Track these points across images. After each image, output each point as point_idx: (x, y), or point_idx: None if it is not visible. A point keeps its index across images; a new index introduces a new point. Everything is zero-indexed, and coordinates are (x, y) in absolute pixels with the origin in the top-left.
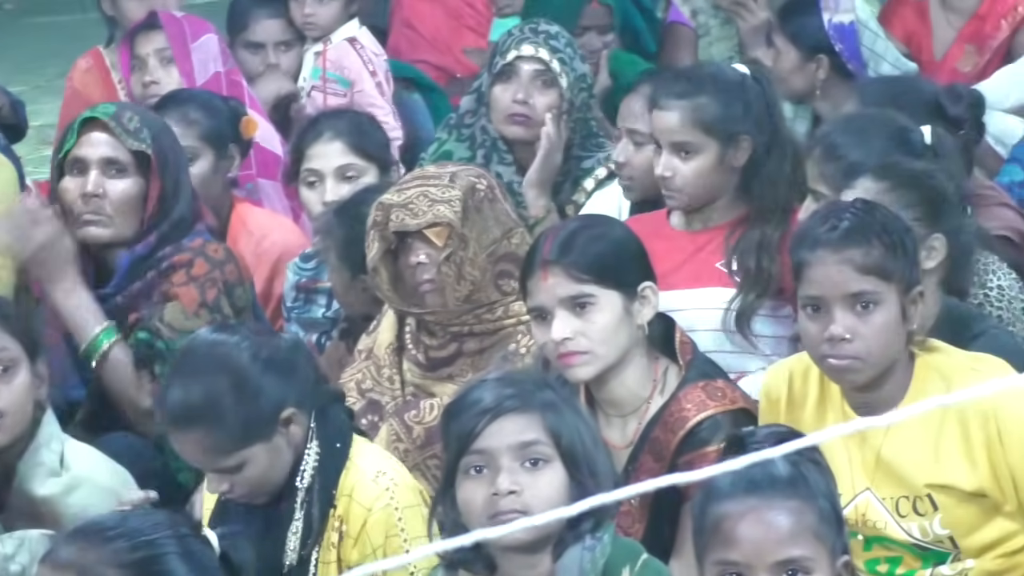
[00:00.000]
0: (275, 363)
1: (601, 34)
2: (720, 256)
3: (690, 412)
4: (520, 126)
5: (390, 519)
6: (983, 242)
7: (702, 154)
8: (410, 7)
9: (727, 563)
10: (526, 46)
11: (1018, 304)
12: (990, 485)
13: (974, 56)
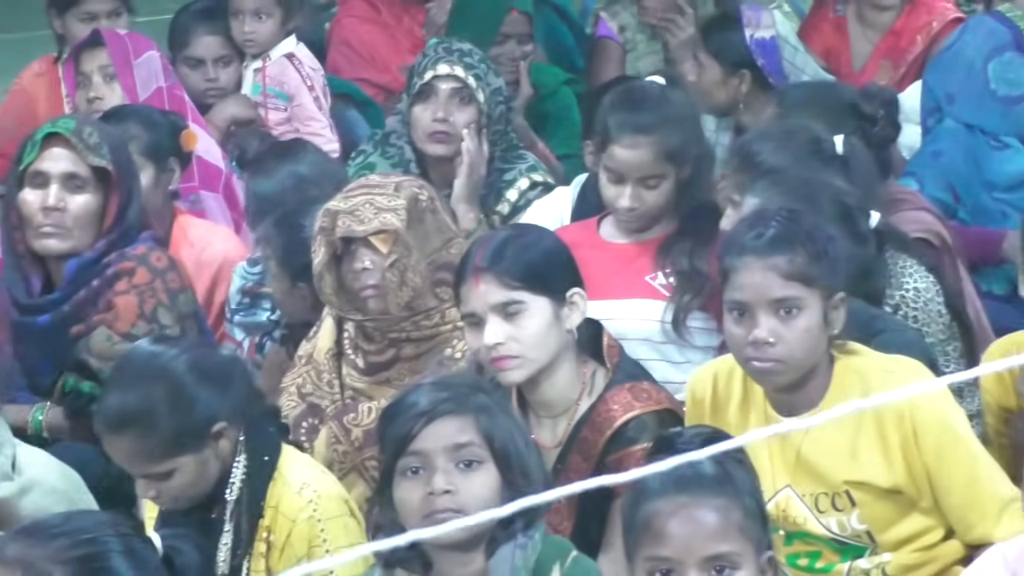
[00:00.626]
0: (211, 377)
1: (521, 43)
2: (650, 269)
3: (617, 412)
4: (441, 144)
5: (312, 530)
6: (901, 245)
7: (666, 181)
8: (348, 27)
9: (657, 559)
10: (442, 65)
11: (934, 306)
12: (906, 482)
13: (890, 70)
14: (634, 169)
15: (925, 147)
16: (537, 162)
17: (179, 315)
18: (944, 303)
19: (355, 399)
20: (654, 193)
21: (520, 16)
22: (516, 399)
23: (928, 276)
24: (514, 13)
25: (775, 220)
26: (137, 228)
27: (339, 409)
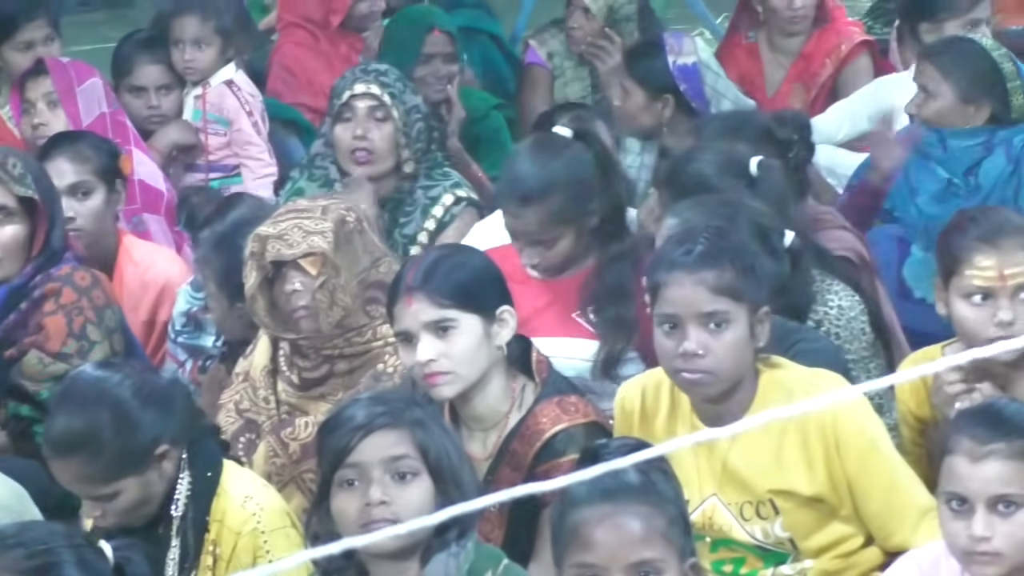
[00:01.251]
0: (154, 400)
1: (446, 62)
2: (576, 306)
3: (545, 425)
4: (363, 164)
5: (256, 541)
6: (823, 263)
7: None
8: (288, 53)
9: (584, 566)
10: (358, 85)
11: (857, 324)
12: (827, 491)
13: (802, 93)
14: (523, 234)
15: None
16: (461, 179)
17: (107, 330)
18: (868, 321)
19: (291, 414)
20: (554, 250)
21: (442, 36)
22: (448, 413)
23: (853, 295)
24: (436, 33)
25: (703, 237)
26: (60, 251)
27: (276, 424)
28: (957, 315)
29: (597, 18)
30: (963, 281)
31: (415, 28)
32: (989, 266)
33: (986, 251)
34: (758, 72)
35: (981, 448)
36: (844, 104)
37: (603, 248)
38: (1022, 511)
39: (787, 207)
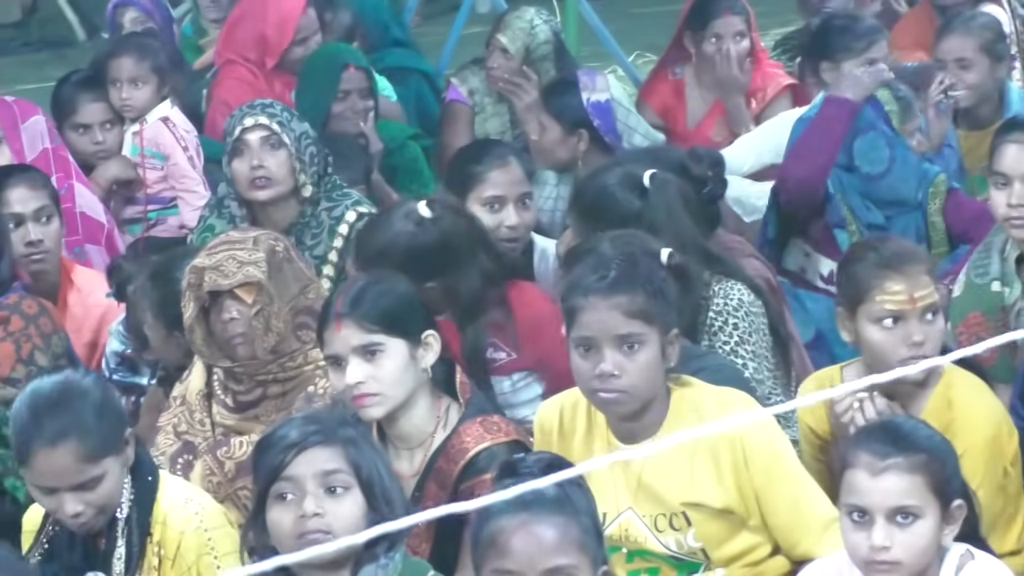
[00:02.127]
0: (110, 390)
1: (362, 97)
2: None
3: (469, 444)
4: (262, 189)
5: (201, 539)
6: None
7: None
8: (227, 88)
9: (502, 571)
10: (247, 119)
11: (758, 320)
12: (737, 503)
13: (724, 128)
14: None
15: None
16: (361, 196)
17: (53, 356)
18: (768, 325)
19: (227, 435)
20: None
21: (358, 72)
22: (376, 432)
23: (752, 294)
24: (351, 69)
25: (615, 263)
26: (8, 280)
27: (212, 444)
28: (868, 339)
29: (515, 57)
30: (874, 307)
31: (331, 65)
32: (900, 291)
33: (895, 277)
34: (681, 107)
35: (880, 463)
36: (750, 137)
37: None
38: (919, 522)
39: (675, 218)
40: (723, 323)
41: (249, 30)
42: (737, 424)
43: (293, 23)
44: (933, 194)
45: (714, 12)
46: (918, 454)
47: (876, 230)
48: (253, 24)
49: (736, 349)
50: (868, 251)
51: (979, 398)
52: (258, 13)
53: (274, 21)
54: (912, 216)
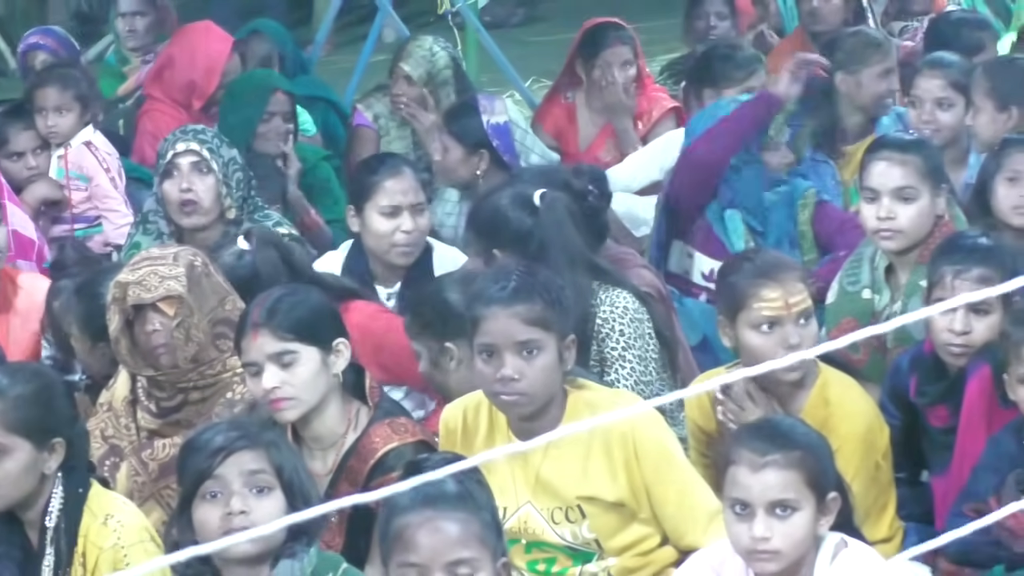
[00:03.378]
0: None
1: (285, 120)
2: None
3: (378, 444)
4: (189, 216)
5: (116, 555)
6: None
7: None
8: (154, 119)
9: (408, 565)
10: (179, 144)
11: (643, 327)
12: (628, 496)
13: (614, 149)
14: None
15: None
16: (281, 217)
17: None
18: (653, 331)
19: (150, 438)
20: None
21: (284, 96)
22: (291, 434)
23: (636, 301)
24: (279, 94)
25: (515, 274)
26: None
27: (137, 446)
28: (747, 344)
29: (418, 84)
30: (751, 314)
31: (260, 89)
32: (775, 297)
33: (770, 285)
34: (573, 129)
35: (760, 459)
36: (638, 156)
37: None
38: (797, 514)
39: (564, 234)
40: (610, 330)
41: (178, 75)
42: (624, 417)
43: (220, 69)
44: (803, 206)
45: (603, 42)
46: (795, 451)
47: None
48: (182, 71)
49: (624, 354)
50: (744, 262)
51: (853, 397)
52: (187, 61)
53: (202, 68)
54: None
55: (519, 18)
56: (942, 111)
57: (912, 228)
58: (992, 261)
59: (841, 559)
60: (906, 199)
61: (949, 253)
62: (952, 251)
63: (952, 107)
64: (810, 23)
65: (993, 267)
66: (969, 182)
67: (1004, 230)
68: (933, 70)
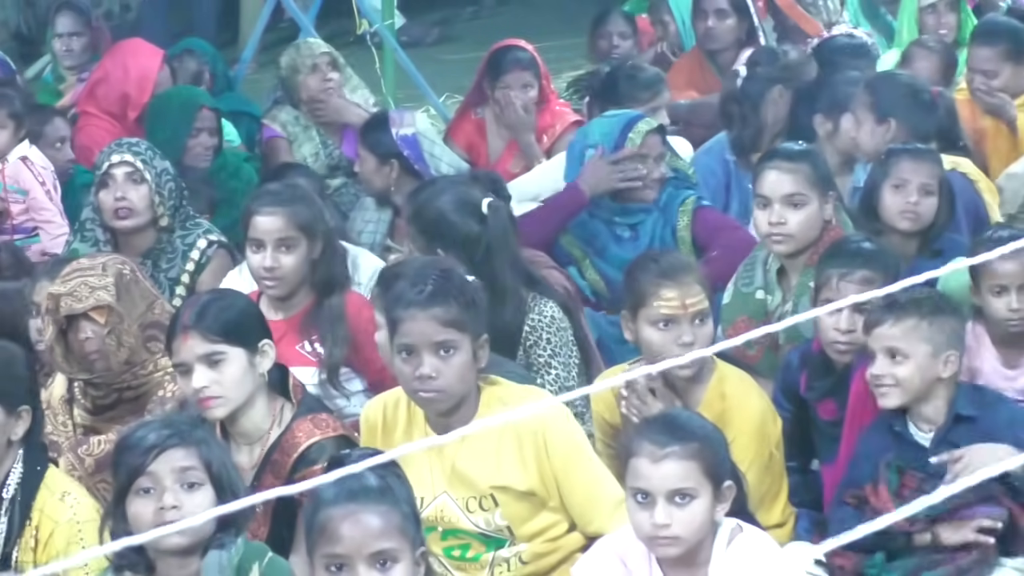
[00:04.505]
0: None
1: (211, 135)
2: (298, 339)
3: (301, 439)
4: (124, 220)
5: (71, 530)
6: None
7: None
8: (89, 134)
9: (332, 555)
10: (115, 156)
11: (566, 334)
12: (538, 485)
13: (521, 161)
14: (271, 233)
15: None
16: (211, 226)
17: None
18: (576, 341)
19: (86, 434)
20: (290, 257)
21: (209, 112)
22: (220, 430)
23: (561, 311)
24: (205, 110)
25: (432, 277)
26: None
27: (73, 442)
28: (645, 339)
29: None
30: (651, 311)
31: (187, 106)
32: (673, 297)
33: (669, 285)
34: (483, 143)
35: (660, 451)
36: (542, 168)
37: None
38: (695, 502)
39: (510, 242)
40: (537, 338)
41: (112, 89)
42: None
43: (152, 80)
44: (683, 212)
45: (505, 65)
46: (692, 443)
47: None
48: (115, 84)
49: (550, 360)
50: (649, 262)
51: (747, 391)
52: (120, 75)
53: (135, 80)
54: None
55: (433, 38)
56: None
57: (801, 233)
58: (875, 264)
59: (737, 543)
60: (796, 205)
61: (835, 256)
62: (838, 255)
63: None
64: (706, 42)
65: (876, 269)
66: (857, 186)
67: (891, 234)
68: None
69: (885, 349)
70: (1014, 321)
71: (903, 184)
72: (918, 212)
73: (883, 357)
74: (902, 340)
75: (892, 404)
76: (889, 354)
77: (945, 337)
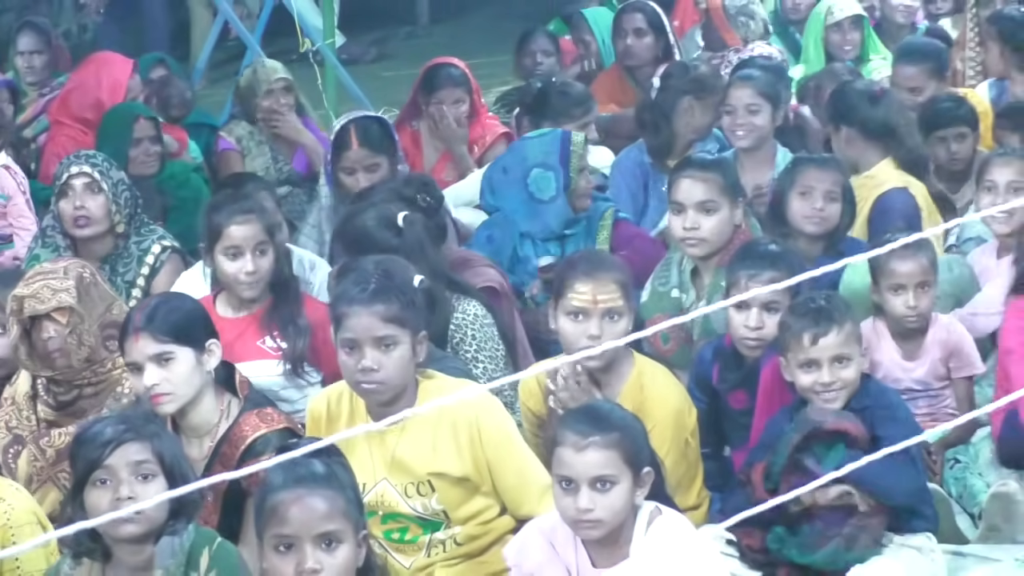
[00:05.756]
0: None
1: (152, 143)
2: (259, 335)
3: (248, 432)
4: (83, 228)
5: (5, 535)
6: (462, 290)
7: (270, 252)
8: (60, 143)
9: (281, 536)
10: (73, 167)
11: (489, 331)
12: (472, 472)
13: (454, 171)
14: (249, 240)
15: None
16: (164, 232)
17: None
18: (498, 333)
19: (48, 427)
20: (265, 260)
21: (147, 122)
22: (171, 424)
23: (483, 308)
24: (141, 120)
25: (374, 277)
26: None
27: (36, 435)
28: (560, 329)
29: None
30: (565, 302)
31: (124, 119)
32: (585, 291)
33: (584, 280)
34: (419, 153)
35: (583, 440)
36: (473, 176)
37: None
38: (616, 487)
39: (426, 250)
40: (463, 335)
41: (86, 96)
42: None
43: (123, 86)
44: (602, 225)
45: (439, 82)
46: (613, 433)
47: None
48: (89, 91)
49: (476, 356)
50: (576, 258)
51: (664, 383)
52: (92, 82)
53: (107, 86)
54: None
55: (371, 56)
56: (752, 115)
57: (713, 236)
58: (781, 265)
59: (656, 525)
60: (708, 211)
61: (744, 258)
62: (747, 257)
63: (759, 112)
64: (625, 59)
65: (782, 270)
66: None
67: (798, 237)
68: (743, 81)
69: (831, 358)
70: (911, 317)
71: (808, 191)
72: (823, 217)
73: (829, 365)
74: (845, 345)
75: (840, 406)
76: (836, 360)
77: (857, 335)
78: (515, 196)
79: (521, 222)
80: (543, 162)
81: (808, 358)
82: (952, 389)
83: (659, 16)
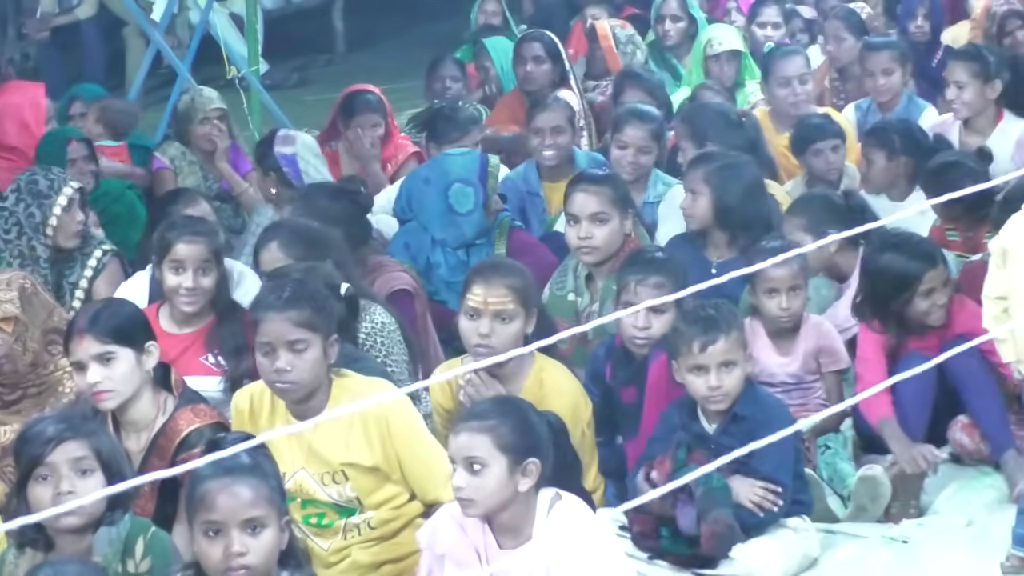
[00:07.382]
0: None
1: (87, 163)
2: (202, 352)
3: (182, 426)
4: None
5: None
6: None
7: (213, 271)
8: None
9: (210, 522)
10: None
11: (395, 336)
12: (383, 462)
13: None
14: (193, 259)
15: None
16: (104, 238)
17: None
18: (403, 337)
19: None
20: (207, 279)
21: (79, 144)
22: (111, 419)
23: (388, 315)
24: (73, 143)
25: (289, 284)
26: None
27: None
28: (460, 326)
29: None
30: (464, 302)
31: (58, 141)
32: (479, 293)
33: (479, 281)
34: (337, 171)
35: (458, 425)
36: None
37: (220, 301)
38: (486, 470)
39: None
40: (373, 342)
41: (12, 120)
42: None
43: (43, 107)
44: (500, 233)
45: (356, 108)
46: (488, 420)
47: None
48: (14, 114)
49: (386, 360)
50: (482, 264)
51: (562, 379)
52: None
53: (29, 107)
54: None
55: (293, 81)
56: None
57: (605, 245)
58: (665, 271)
59: (556, 509)
60: (600, 222)
61: (633, 265)
62: (635, 263)
63: (649, 154)
64: (524, 84)
65: (666, 275)
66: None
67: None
68: (640, 122)
69: (719, 363)
70: (784, 318)
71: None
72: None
73: (717, 370)
74: (732, 352)
75: (725, 408)
76: (723, 365)
77: (743, 341)
78: (434, 206)
79: (436, 230)
80: (464, 178)
81: (697, 363)
82: (823, 382)
83: (556, 45)
